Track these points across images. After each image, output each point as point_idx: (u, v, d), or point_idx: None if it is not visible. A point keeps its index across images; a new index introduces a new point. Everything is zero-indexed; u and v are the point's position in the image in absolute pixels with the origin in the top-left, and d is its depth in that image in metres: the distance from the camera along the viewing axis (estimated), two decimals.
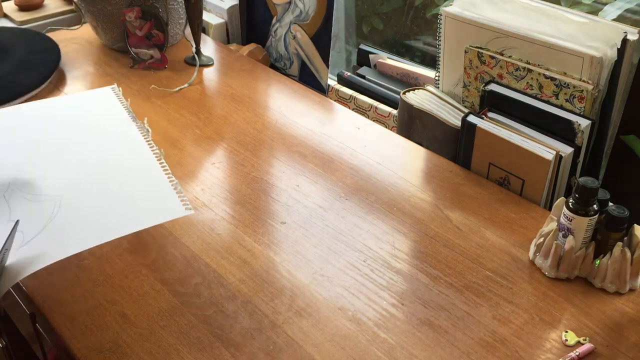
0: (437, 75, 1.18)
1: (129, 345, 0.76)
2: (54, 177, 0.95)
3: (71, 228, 0.85)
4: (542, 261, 0.86)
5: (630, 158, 0.97)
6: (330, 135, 1.16)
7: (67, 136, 1.08)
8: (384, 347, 0.76)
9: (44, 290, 0.83)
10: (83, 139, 1.07)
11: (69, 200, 0.90)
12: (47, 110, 1.16)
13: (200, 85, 1.34)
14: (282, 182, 1.04)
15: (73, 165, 0.99)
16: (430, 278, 0.85)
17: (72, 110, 1.17)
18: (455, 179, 1.05)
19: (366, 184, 1.04)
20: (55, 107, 1.19)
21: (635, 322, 0.79)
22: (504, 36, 1.02)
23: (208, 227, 0.94)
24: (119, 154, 1.03)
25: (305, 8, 1.38)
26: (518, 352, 0.75)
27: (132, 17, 1.35)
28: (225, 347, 0.76)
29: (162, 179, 0.94)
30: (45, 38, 1.43)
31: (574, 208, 0.83)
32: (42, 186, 0.93)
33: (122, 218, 0.87)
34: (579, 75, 0.96)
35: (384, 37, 1.61)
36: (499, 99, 1.04)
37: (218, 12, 1.60)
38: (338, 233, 0.93)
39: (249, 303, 0.81)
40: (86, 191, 0.93)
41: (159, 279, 0.85)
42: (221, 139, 1.15)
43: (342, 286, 0.84)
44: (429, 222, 0.95)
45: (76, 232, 0.85)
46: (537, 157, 0.95)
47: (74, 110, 1.16)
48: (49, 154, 1.02)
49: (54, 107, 1.18)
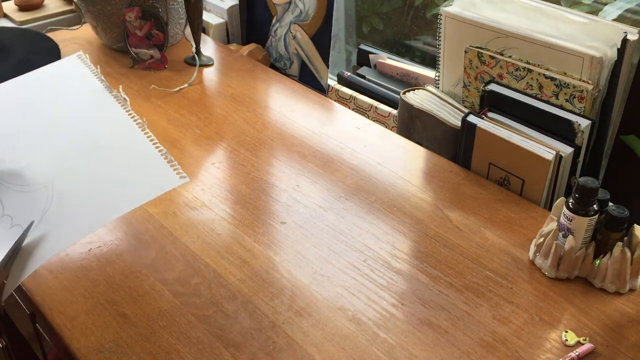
0: (437, 75, 1.18)
1: (129, 345, 0.76)
2: (40, 163, 0.91)
3: (71, 213, 0.81)
4: (542, 261, 0.86)
5: (630, 158, 0.97)
6: (330, 135, 1.16)
7: (43, 118, 1.02)
8: (384, 347, 0.76)
9: (44, 290, 0.83)
10: (60, 118, 1.01)
11: (61, 185, 0.86)
12: (13, 93, 1.09)
13: (200, 85, 1.34)
14: (282, 182, 1.04)
15: (56, 147, 0.95)
16: (430, 278, 0.85)
17: (41, 88, 1.09)
18: (455, 179, 1.05)
19: (366, 184, 1.04)
20: (21, 88, 1.11)
21: (635, 322, 0.79)
22: (504, 36, 1.02)
23: (208, 227, 0.94)
24: (101, 129, 0.95)
25: (305, 8, 1.38)
26: (518, 352, 0.75)
27: (132, 17, 1.35)
28: (225, 347, 0.76)
29: (151, 150, 0.89)
30: (45, 38, 1.43)
31: (574, 208, 0.83)
32: (29, 175, 0.89)
33: (119, 196, 0.83)
34: (579, 75, 0.96)
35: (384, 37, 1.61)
36: (499, 99, 1.04)
37: (218, 12, 1.60)
38: (338, 233, 0.93)
39: (249, 303, 0.81)
40: (76, 173, 0.88)
41: (159, 279, 0.85)
42: (221, 139, 1.15)
43: (342, 286, 0.84)
44: (429, 222, 0.95)
45: (77, 217, 0.80)
46: (537, 157, 0.95)
47: (44, 89, 1.09)
48: (28, 140, 0.97)
49: (20, 89, 1.10)
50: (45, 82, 1.10)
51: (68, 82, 1.09)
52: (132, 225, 0.94)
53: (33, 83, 1.11)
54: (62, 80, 1.10)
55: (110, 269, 0.87)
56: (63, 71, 1.12)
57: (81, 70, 1.09)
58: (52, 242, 0.78)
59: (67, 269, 0.86)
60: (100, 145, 0.93)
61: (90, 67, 1.09)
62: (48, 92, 1.07)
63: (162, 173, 0.84)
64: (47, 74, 1.12)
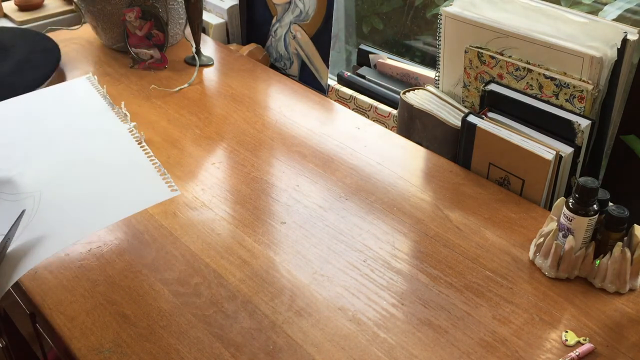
0: (437, 75, 1.18)
1: (129, 345, 0.76)
2: (32, 173, 0.92)
3: (52, 224, 0.83)
4: (542, 261, 0.86)
5: (630, 158, 0.97)
6: (330, 135, 1.16)
7: (43, 130, 1.04)
8: (384, 347, 0.76)
9: (44, 290, 0.83)
10: (59, 132, 1.03)
11: (49, 196, 0.87)
12: (22, 106, 1.13)
13: (200, 85, 1.34)
14: (282, 182, 1.04)
15: (51, 159, 0.96)
16: (430, 278, 0.85)
17: (47, 104, 1.12)
18: (455, 179, 1.05)
19: (366, 184, 1.04)
20: (31, 102, 1.15)
21: (635, 322, 0.79)
22: (504, 36, 1.02)
23: (208, 227, 0.94)
24: (97, 143, 0.97)
25: (305, 8, 1.38)
26: (518, 352, 0.75)
27: (132, 17, 1.35)
28: (225, 347, 0.76)
29: (145, 163, 0.90)
30: (45, 38, 1.43)
31: (574, 208, 0.83)
32: (20, 184, 0.90)
33: (105, 208, 0.84)
34: (579, 75, 0.96)
35: (384, 37, 1.61)
36: (499, 99, 1.04)
37: (218, 12, 1.60)
38: (338, 233, 0.93)
39: (249, 303, 0.81)
40: (66, 184, 0.90)
41: (159, 279, 0.85)
42: (221, 139, 1.15)
43: (342, 286, 0.84)
44: (429, 222, 0.95)
45: (57, 228, 0.82)
46: (537, 157, 0.95)
47: (50, 104, 1.12)
48: (26, 150, 0.99)
49: (29, 103, 1.15)
50: (52, 98, 1.13)
51: (73, 99, 1.13)
52: (132, 225, 0.94)
53: (40, 98, 1.14)
54: (68, 97, 1.14)
55: (110, 269, 0.87)
56: (71, 90, 1.15)
57: (88, 90, 1.12)
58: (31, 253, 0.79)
59: (67, 269, 0.86)
60: (93, 158, 0.94)
61: (97, 86, 1.11)
62: (53, 107, 1.11)
63: (153, 185, 0.85)
64: (55, 91, 1.15)
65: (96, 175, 0.91)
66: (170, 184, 0.83)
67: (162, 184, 0.85)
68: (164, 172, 0.85)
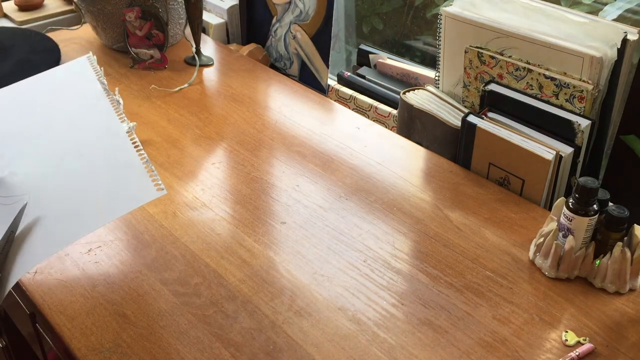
0: (437, 75, 1.18)
1: (129, 345, 0.76)
2: (21, 172, 0.90)
3: (35, 233, 0.80)
4: (542, 261, 0.86)
5: (630, 158, 0.97)
6: (330, 135, 1.16)
7: (36, 121, 1.00)
8: (384, 347, 0.76)
9: (44, 290, 0.83)
10: (51, 121, 0.99)
11: (35, 202, 0.84)
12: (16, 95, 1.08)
13: (200, 85, 1.34)
14: (282, 182, 1.04)
15: (42, 152, 0.93)
16: (430, 278, 0.85)
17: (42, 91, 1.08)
18: (455, 179, 1.05)
19: (366, 184, 1.04)
20: (25, 90, 1.10)
21: (635, 322, 0.79)
22: (504, 36, 1.02)
23: (208, 227, 0.94)
24: (86, 135, 0.92)
25: (305, 8, 1.38)
26: (518, 352, 0.75)
27: (132, 17, 1.35)
28: (225, 347, 0.76)
29: (133, 159, 0.86)
30: (45, 38, 1.43)
31: (574, 208, 0.83)
32: (10, 185, 0.88)
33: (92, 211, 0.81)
34: (579, 75, 0.96)
35: (384, 37, 1.61)
36: (499, 99, 1.04)
37: (218, 12, 1.60)
38: (338, 233, 0.93)
39: (249, 303, 0.81)
40: (53, 187, 0.87)
41: (159, 279, 0.85)
42: (221, 139, 1.15)
43: (342, 286, 0.84)
44: (429, 222, 0.95)
45: (40, 238, 0.78)
46: (537, 157, 0.95)
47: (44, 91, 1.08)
48: (16, 146, 0.96)
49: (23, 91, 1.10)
50: (48, 84, 1.10)
51: (70, 84, 1.08)
52: (132, 225, 0.94)
53: (37, 85, 1.10)
54: (65, 82, 1.09)
55: (110, 269, 0.87)
56: (69, 73, 1.11)
57: (86, 73, 1.08)
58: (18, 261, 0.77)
59: (67, 269, 0.86)
60: (82, 154, 0.90)
61: (96, 68, 1.08)
62: (48, 94, 1.07)
63: (140, 185, 0.80)
64: (53, 75, 1.12)
65: (83, 175, 0.87)
66: (157, 183, 0.79)
67: (149, 183, 0.80)
68: (152, 168, 0.81)
